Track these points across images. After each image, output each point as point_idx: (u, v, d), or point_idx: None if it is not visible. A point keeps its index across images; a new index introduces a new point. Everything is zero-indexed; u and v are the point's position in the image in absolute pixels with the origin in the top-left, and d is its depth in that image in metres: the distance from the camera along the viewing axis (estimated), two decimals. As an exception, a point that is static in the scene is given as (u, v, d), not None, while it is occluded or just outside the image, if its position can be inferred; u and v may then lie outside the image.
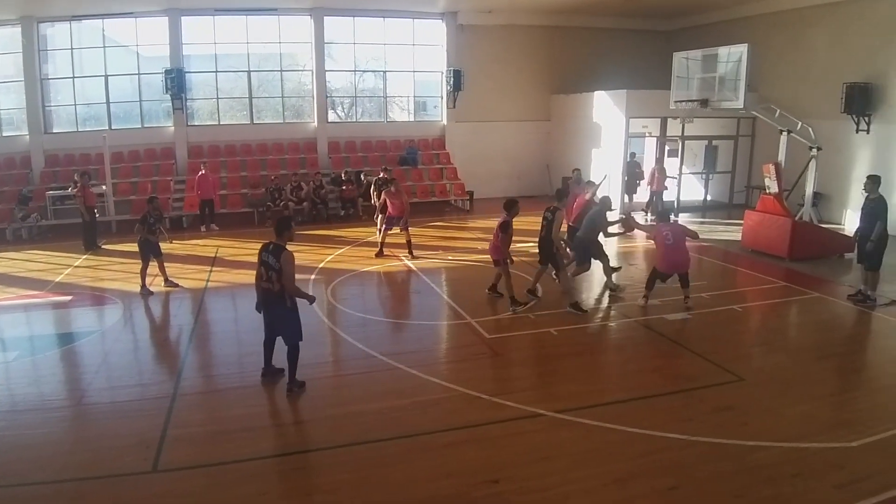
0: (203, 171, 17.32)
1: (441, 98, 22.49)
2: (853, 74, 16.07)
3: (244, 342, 8.85)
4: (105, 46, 19.37)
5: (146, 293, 11.17)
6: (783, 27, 18.58)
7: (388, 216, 13.76)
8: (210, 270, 12.97)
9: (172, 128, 19.92)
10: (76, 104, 19.65)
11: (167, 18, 19.16)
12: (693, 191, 20.77)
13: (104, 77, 19.36)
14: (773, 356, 8.49)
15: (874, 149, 16.03)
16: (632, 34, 23.31)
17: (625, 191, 18.98)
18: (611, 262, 11.41)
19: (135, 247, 11.59)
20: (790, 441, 6.04)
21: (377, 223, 15.07)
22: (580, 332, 9.31)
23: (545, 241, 10.19)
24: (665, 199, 18.16)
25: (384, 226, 13.95)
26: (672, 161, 19.67)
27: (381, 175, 16.20)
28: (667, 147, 19.66)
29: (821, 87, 17.09)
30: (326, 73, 21.15)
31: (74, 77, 19.35)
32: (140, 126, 20.10)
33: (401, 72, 22.51)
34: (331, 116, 21.97)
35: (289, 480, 5.69)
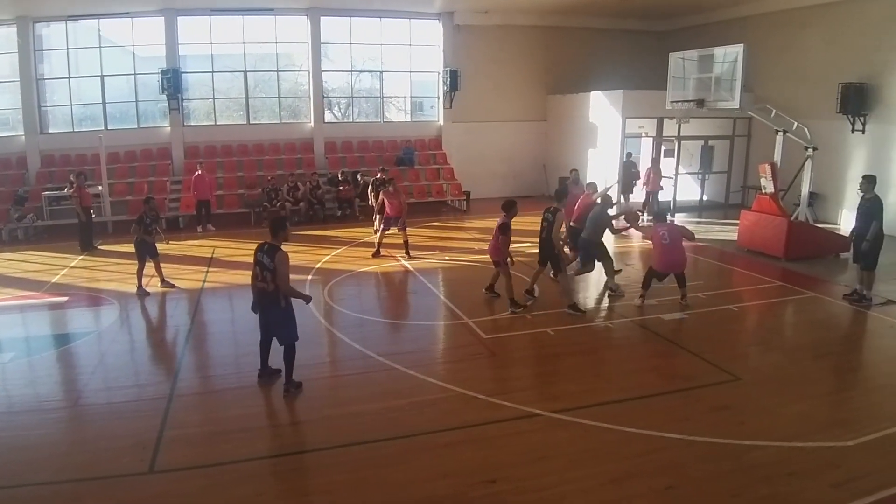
0: (199, 172, 17.30)
1: (438, 98, 22.50)
2: (849, 74, 16.11)
3: (241, 343, 8.86)
4: (101, 46, 19.36)
5: (142, 294, 11.16)
6: (779, 27, 18.62)
7: (386, 216, 13.75)
8: (206, 271, 12.95)
9: (169, 128, 19.90)
10: (72, 104, 19.61)
11: (163, 18, 19.15)
12: (689, 191, 20.84)
13: (100, 77, 19.33)
14: (770, 356, 8.51)
15: (869, 149, 16.07)
16: (628, 34, 23.36)
17: (621, 191, 19.00)
18: (614, 265, 11.42)
19: (131, 247, 11.55)
20: (786, 440, 6.06)
21: (374, 224, 15.11)
22: (577, 332, 9.31)
23: (546, 242, 10.17)
24: (661, 200, 18.21)
25: (382, 226, 13.95)
26: (668, 161, 19.71)
27: (379, 176, 16.18)
28: (663, 147, 19.70)
29: (816, 88, 17.12)
30: (323, 74, 21.15)
31: (70, 77, 19.34)
32: (136, 126, 20.07)
33: (397, 72, 22.53)
34: (327, 117, 21.98)
35: (286, 481, 5.68)
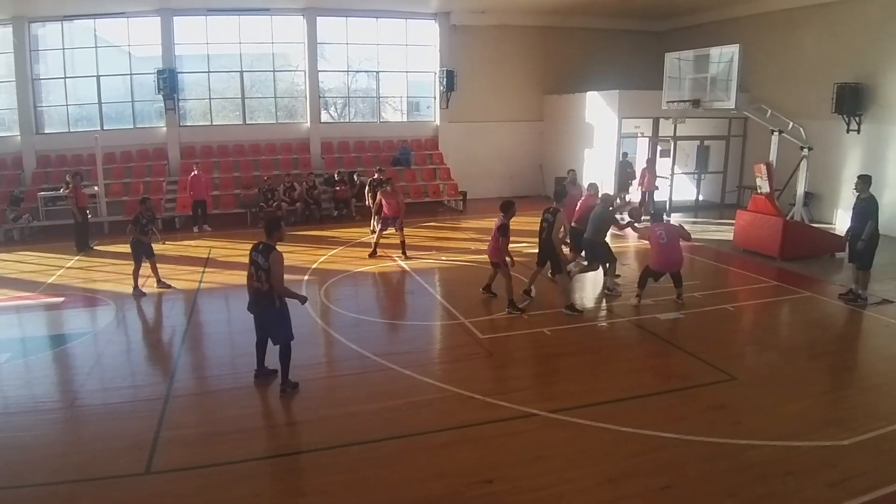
0: (195, 172, 17.27)
1: (434, 98, 22.49)
2: (844, 74, 16.16)
3: (237, 343, 8.85)
4: (97, 46, 19.32)
5: (139, 294, 11.14)
6: (774, 28, 18.67)
7: (384, 217, 13.71)
8: (203, 271, 12.94)
9: (165, 128, 19.87)
10: (68, 104, 19.58)
11: (159, 18, 19.12)
12: (685, 191, 20.87)
13: (96, 77, 19.30)
14: (765, 355, 8.53)
15: (865, 149, 16.12)
16: (624, 35, 23.39)
17: (617, 191, 19.03)
18: (616, 267, 11.41)
19: (127, 248, 11.55)
20: (782, 439, 6.08)
21: (371, 225, 15.11)
22: (574, 332, 9.31)
23: (546, 243, 10.13)
24: (656, 199, 18.23)
25: (380, 226, 13.91)
26: (664, 161, 19.75)
27: (376, 176, 16.09)
28: (659, 147, 19.73)
29: (812, 88, 17.18)
30: (319, 74, 21.14)
31: (66, 77, 19.30)
32: (132, 126, 20.04)
33: (394, 72, 22.52)
34: (324, 117, 21.95)
35: (283, 481, 5.68)
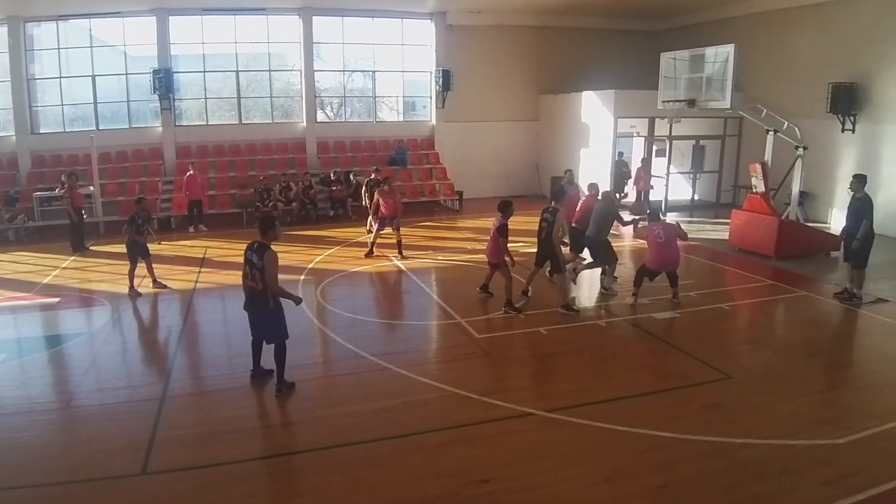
0: (191, 172, 17.24)
1: (430, 98, 22.48)
2: (838, 74, 16.20)
3: (233, 343, 8.82)
4: (92, 46, 19.24)
5: (134, 294, 11.12)
6: (769, 27, 18.72)
7: (381, 216, 13.67)
8: (198, 271, 12.93)
9: (160, 128, 19.82)
10: (63, 104, 19.49)
11: (155, 18, 19.06)
12: (681, 190, 20.90)
13: (91, 77, 19.23)
14: (761, 354, 8.55)
15: (860, 148, 16.17)
16: (620, 34, 23.41)
17: (613, 190, 19.07)
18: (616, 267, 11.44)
19: (123, 248, 11.52)
20: (778, 438, 6.10)
21: (367, 225, 15.09)
22: (570, 332, 9.32)
23: (545, 242, 10.08)
24: (651, 199, 18.27)
25: (377, 226, 13.88)
26: (660, 161, 19.79)
27: (373, 176, 15.91)
28: (654, 147, 19.77)
29: (807, 87, 17.21)
30: (315, 73, 21.10)
31: (61, 77, 19.21)
32: (128, 126, 19.97)
33: (390, 72, 22.50)
34: (320, 116, 21.93)
35: (279, 482, 5.68)
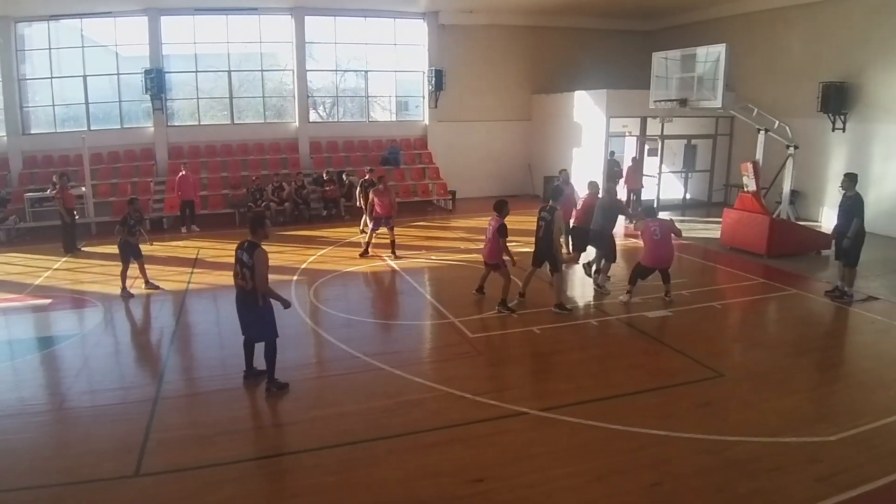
0: (183, 172, 17.19)
1: (423, 98, 22.49)
2: (829, 74, 16.30)
3: (226, 344, 8.81)
4: (83, 46, 19.17)
5: (127, 295, 11.08)
6: (760, 27, 18.81)
7: (376, 216, 13.63)
8: (191, 272, 12.89)
9: (152, 128, 19.74)
10: (54, 105, 19.40)
11: (146, 18, 18.99)
12: (673, 189, 20.99)
13: (83, 77, 19.14)
14: (752, 352, 8.60)
15: (850, 147, 16.26)
16: (612, 34, 23.47)
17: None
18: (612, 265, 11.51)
19: (115, 249, 11.48)
20: (770, 436, 6.14)
21: (361, 225, 15.08)
22: (563, 331, 9.35)
23: (543, 242, 10.04)
24: (643, 198, 18.31)
25: (372, 226, 13.85)
26: (652, 160, 19.86)
27: (367, 177, 15.88)
28: (647, 146, 19.83)
29: (797, 87, 17.31)
30: (308, 73, 21.08)
31: (52, 77, 19.11)
32: (119, 127, 19.90)
33: (382, 71, 22.49)
34: (312, 116, 21.89)
35: (273, 483, 5.67)
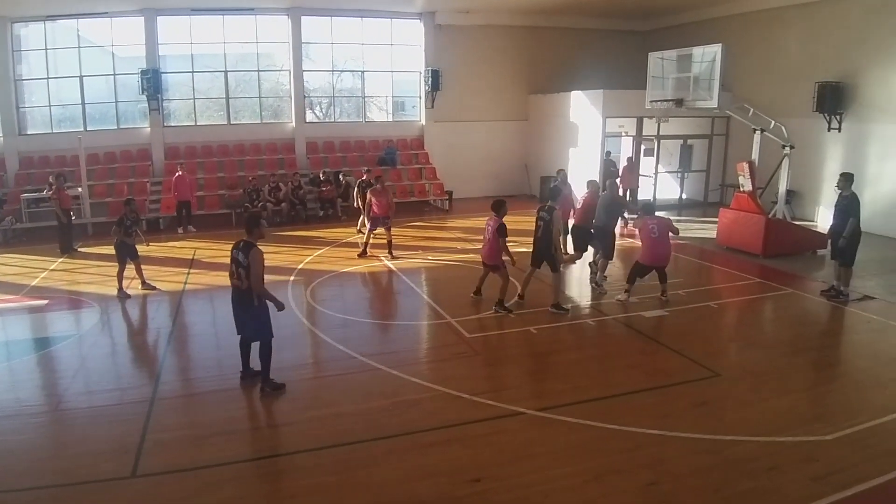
0: (180, 173, 17.16)
1: (419, 98, 22.48)
2: (825, 74, 16.34)
3: (223, 345, 8.78)
4: (80, 47, 19.12)
5: (123, 296, 11.06)
6: (756, 27, 18.84)
7: (374, 216, 13.60)
8: (188, 272, 12.87)
9: (149, 129, 19.71)
10: (51, 105, 19.34)
11: (143, 18, 18.95)
12: (669, 189, 21.01)
13: (79, 78, 19.09)
14: (749, 352, 8.62)
15: (846, 147, 16.30)
16: (608, 34, 23.49)
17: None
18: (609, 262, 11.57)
19: (111, 249, 11.45)
20: (766, 435, 6.16)
21: (358, 225, 15.06)
22: (560, 331, 9.37)
23: (541, 242, 10.01)
24: (640, 197, 18.34)
25: (369, 226, 13.83)
26: (648, 160, 19.89)
27: (364, 177, 15.81)
28: (643, 146, 19.86)
29: (793, 87, 17.34)
30: (304, 73, 21.05)
31: (49, 78, 19.07)
32: (116, 127, 19.85)
33: (379, 72, 22.48)
34: (309, 117, 21.87)
35: (270, 483, 5.67)
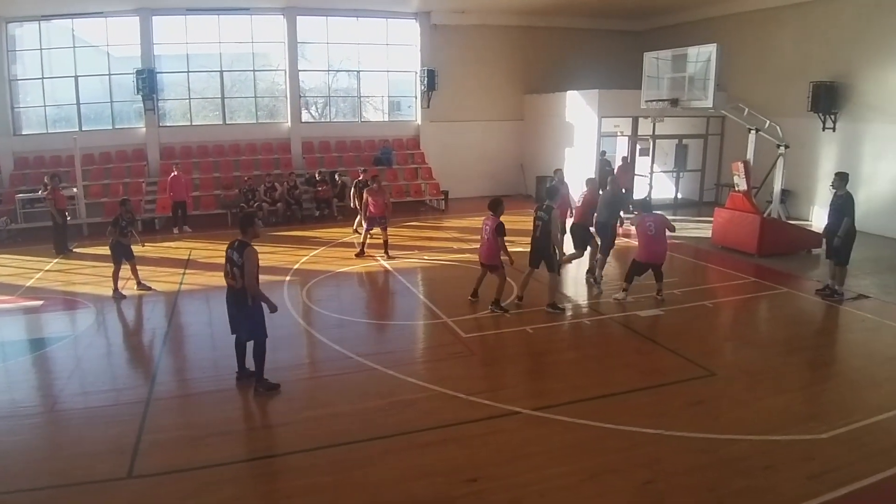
0: (175, 173, 17.12)
1: (415, 98, 22.49)
2: (819, 73, 16.39)
3: (218, 345, 8.78)
4: (75, 47, 19.07)
5: (119, 297, 11.03)
6: (751, 27, 18.89)
7: (370, 216, 13.60)
8: (183, 273, 12.84)
9: (144, 129, 19.67)
10: (46, 105, 19.29)
11: (138, 18, 18.91)
12: (664, 189, 21.07)
13: (74, 78, 19.04)
14: (744, 351, 8.64)
15: (840, 146, 16.36)
16: (603, 34, 23.53)
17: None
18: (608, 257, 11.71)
19: (106, 250, 11.43)
20: (762, 434, 6.18)
21: (354, 225, 15.04)
22: (556, 330, 9.39)
23: (539, 242, 9.96)
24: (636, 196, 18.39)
25: (366, 226, 13.82)
26: (643, 160, 19.93)
27: (361, 177, 15.67)
28: (638, 146, 19.89)
29: (788, 86, 17.40)
30: (300, 73, 21.04)
31: (44, 78, 19.01)
32: (111, 127, 19.80)
33: (375, 71, 22.48)
34: (304, 116, 21.86)
35: (266, 483, 5.67)
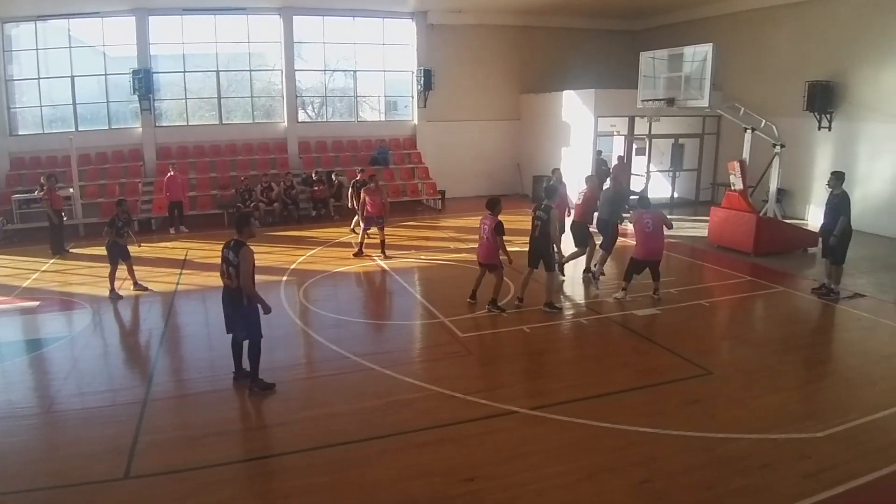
0: (172, 173, 17.10)
1: (412, 97, 22.49)
2: (815, 73, 16.42)
3: (215, 345, 8.77)
4: (71, 47, 19.02)
5: (115, 297, 11.01)
6: (747, 27, 18.92)
7: (368, 216, 13.60)
8: (180, 273, 12.83)
9: (140, 129, 19.63)
10: (42, 105, 19.25)
11: (134, 18, 18.88)
12: (660, 188, 21.10)
13: (70, 78, 18.99)
14: (740, 350, 8.67)
15: (836, 146, 16.40)
16: (600, 34, 23.57)
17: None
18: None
19: (103, 250, 11.41)
20: (758, 432, 6.19)
21: (352, 225, 15.02)
22: (553, 330, 9.40)
23: (538, 241, 9.92)
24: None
25: (363, 225, 13.82)
26: (640, 159, 19.96)
27: (359, 177, 15.79)
28: (634, 145, 19.92)
29: (784, 86, 17.42)
30: (296, 73, 21.03)
31: (40, 78, 18.96)
32: (107, 127, 19.78)
33: (371, 71, 22.48)
34: (301, 116, 21.84)
35: (263, 484, 5.66)
